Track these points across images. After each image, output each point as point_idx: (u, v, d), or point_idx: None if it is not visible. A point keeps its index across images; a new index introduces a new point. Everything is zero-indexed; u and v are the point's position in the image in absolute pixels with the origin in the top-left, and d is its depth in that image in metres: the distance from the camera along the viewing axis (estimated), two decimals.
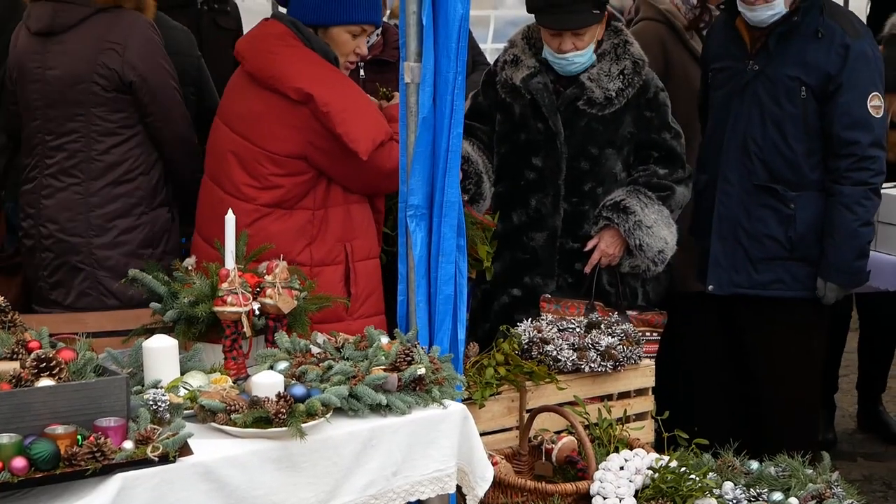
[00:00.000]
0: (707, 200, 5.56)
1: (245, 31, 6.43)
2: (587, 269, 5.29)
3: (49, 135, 5.11)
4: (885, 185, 5.84)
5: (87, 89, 5.03)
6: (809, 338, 5.59)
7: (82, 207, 5.05)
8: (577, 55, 5.20)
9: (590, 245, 5.29)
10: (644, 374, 4.99)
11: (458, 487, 3.95)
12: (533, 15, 5.29)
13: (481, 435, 4.05)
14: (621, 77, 5.25)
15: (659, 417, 4.82)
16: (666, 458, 4.45)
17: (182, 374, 3.76)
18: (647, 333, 5.28)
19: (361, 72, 5.48)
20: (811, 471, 4.43)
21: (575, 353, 4.80)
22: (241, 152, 4.67)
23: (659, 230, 5.22)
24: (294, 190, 4.64)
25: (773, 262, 5.43)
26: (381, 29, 5.50)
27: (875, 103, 5.30)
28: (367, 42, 5.38)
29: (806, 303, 5.45)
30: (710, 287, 5.53)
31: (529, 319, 5.02)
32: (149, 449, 3.27)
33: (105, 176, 5.06)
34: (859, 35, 5.36)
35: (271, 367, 3.76)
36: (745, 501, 4.30)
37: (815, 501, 4.29)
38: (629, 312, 5.29)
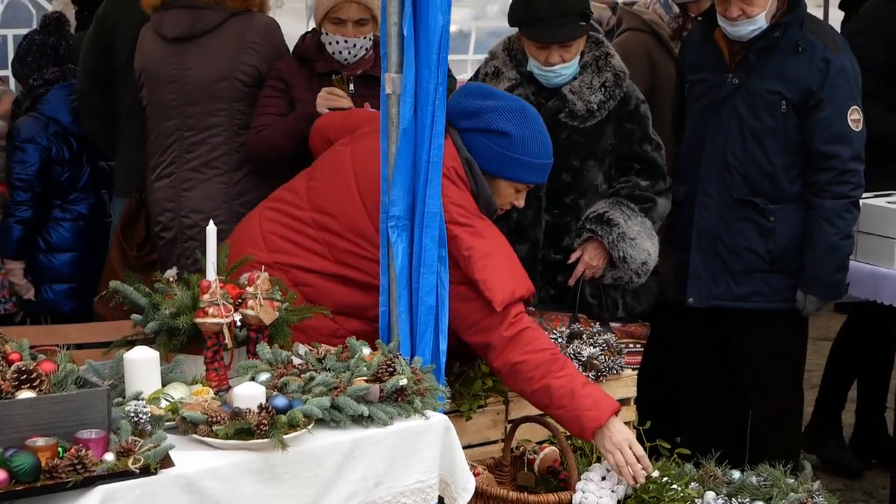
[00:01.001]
0: (685, 213, 5.57)
1: None
2: (571, 282, 5.29)
3: (189, 131, 5.56)
4: (864, 194, 5.88)
5: (229, 86, 5.51)
6: (791, 348, 5.60)
7: (226, 196, 5.53)
8: (564, 67, 5.20)
9: (573, 257, 5.29)
10: (626, 385, 4.99)
11: (441, 498, 3.95)
12: (515, 27, 5.31)
13: (467, 448, 4.05)
14: (603, 89, 5.25)
15: (641, 427, 4.83)
16: None
17: (163, 385, 3.75)
18: (631, 345, 5.29)
19: (352, 87, 5.47)
20: (793, 480, 4.44)
21: None
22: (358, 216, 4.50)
23: (642, 242, 5.23)
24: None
25: (753, 275, 5.46)
26: (371, 43, 5.48)
27: (854, 117, 5.35)
28: (357, 56, 5.38)
29: (786, 314, 5.47)
30: (690, 300, 5.55)
31: None
32: (130, 461, 3.26)
33: (245, 166, 5.53)
34: (839, 49, 5.40)
35: (253, 379, 3.76)
36: None
37: None
38: (612, 324, 5.29)
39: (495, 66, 5.37)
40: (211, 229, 3.94)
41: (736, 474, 4.51)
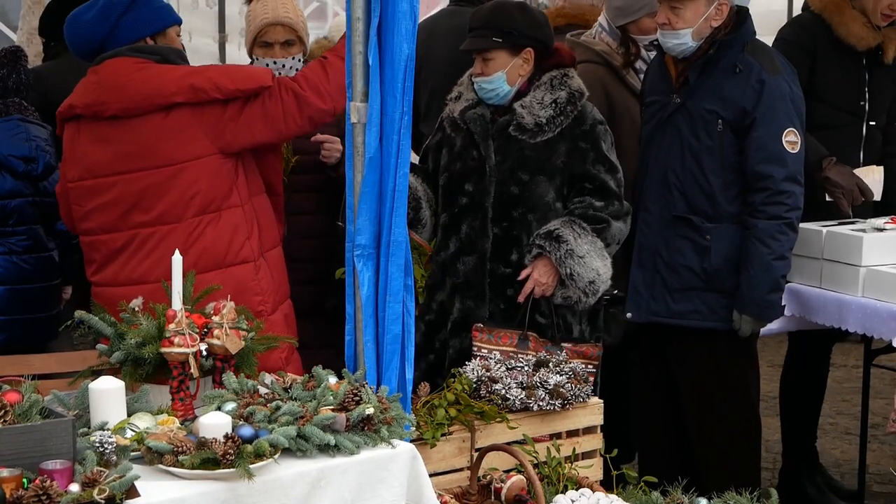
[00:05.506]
0: (631, 230, 5.62)
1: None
2: (520, 299, 5.31)
3: None
4: (829, 222, 5.93)
5: None
6: (734, 370, 5.61)
7: None
8: (486, 81, 5.32)
9: (523, 274, 5.31)
10: (592, 412, 4.99)
11: None
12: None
13: (433, 475, 4.04)
14: (554, 105, 5.33)
15: (607, 455, 4.83)
16: (614, 496, 4.45)
17: (129, 415, 3.74)
18: (583, 366, 5.29)
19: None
20: None
21: (523, 392, 4.81)
22: (151, 182, 4.65)
23: (591, 261, 5.26)
24: (214, 191, 4.67)
25: (689, 293, 5.50)
26: (302, 64, 5.52)
27: (790, 139, 5.41)
28: None
29: (727, 334, 5.50)
30: (629, 314, 5.59)
31: (477, 359, 5.03)
32: (95, 492, 3.24)
33: None
34: (777, 72, 5.46)
35: (219, 408, 3.75)
36: None
37: None
38: (564, 344, 5.30)
39: (459, 92, 5.52)
40: (177, 259, 3.93)
41: (703, 501, 4.52)
